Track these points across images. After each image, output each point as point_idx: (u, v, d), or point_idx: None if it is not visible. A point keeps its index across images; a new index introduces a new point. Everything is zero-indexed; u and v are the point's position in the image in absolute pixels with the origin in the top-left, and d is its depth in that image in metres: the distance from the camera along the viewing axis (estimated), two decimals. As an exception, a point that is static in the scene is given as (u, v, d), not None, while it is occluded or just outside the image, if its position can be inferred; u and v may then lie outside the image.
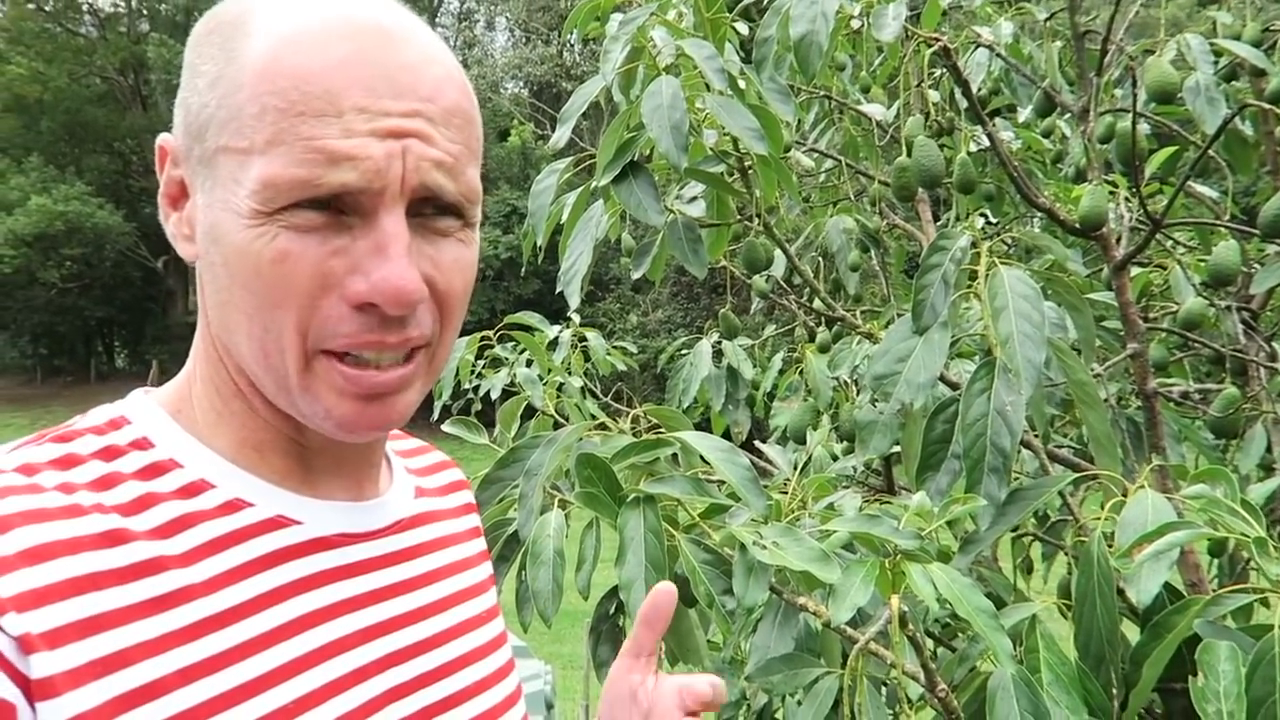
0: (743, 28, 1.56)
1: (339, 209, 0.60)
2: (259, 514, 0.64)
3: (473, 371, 2.43)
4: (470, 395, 2.52)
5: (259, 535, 0.64)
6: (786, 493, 1.23)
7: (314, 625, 0.64)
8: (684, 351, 2.65)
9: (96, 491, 0.60)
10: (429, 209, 0.63)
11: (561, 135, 1.35)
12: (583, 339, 2.66)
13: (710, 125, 1.47)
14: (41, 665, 0.53)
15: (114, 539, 0.58)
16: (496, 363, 2.49)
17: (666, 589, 0.79)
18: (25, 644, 0.53)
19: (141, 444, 0.64)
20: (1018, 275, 1.11)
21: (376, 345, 0.61)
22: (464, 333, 2.20)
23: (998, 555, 2.39)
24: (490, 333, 2.39)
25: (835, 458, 2.03)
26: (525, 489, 1.06)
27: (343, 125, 0.59)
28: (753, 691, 1.57)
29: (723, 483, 1.08)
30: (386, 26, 0.62)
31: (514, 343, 2.34)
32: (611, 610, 1.21)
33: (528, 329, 2.26)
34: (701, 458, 1.02)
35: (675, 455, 1.12)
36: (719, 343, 2.61)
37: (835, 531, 0.99)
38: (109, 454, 0.63)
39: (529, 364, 2.35)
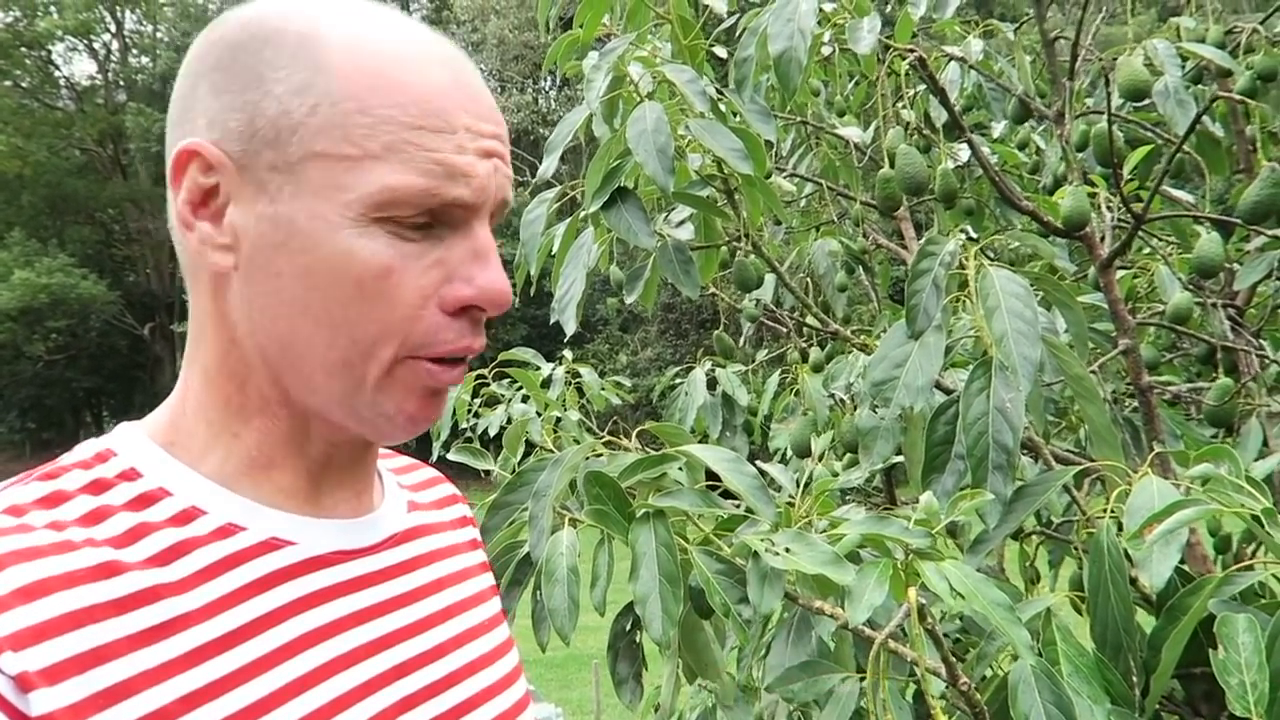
0: (721, 52, 1.59)
1: (433, 222, 0.63)
2: (252, 537, 0.64)
3: (469, 410, 2.43)
4: (469, 434, 2.52)
5: (254, 558, 0.64)
6: (793, 505, 1.23)
7: (317, 643, 0.64)
8: (678, 382, 2.66)
9: (86, 526, 0.60)
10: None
11: (549, 165, 1.37)
12: (576, 375, 2.66)
13: (694, 149, 1.49)
14: (41, 702, 0.52)
15: (108, 571, 0.58)
16: (493, 401, 2.49)
17: None
18: (23, 682, 0.52)
19: (129, 475, 0.64)
20: (1008, 275, 1.13)
21: (468, 350, 0.65)
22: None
23: (1004, 566, 2.39)
24: (486, 371, 2.40)
25: (836, 475, 2.02)
26: (535, 510, 1.06)
27: (456, 142, 0.62)
28: (768, 716, 1.56)
29: (732, 495, 1.08)
30: (461, 54, 0.67)
31: (509, 379, 2.35)
32: (628, 626, 1.21)
33: (523, 365, 2.27)
34: (708, 470, 1.03)
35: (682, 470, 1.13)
36: (712, 371, 2.62)
37: (845, 535, 0.99)
38: (97, 487, 0.62)
39: (525, 399, 2.35)
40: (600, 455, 1.15)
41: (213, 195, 0.64)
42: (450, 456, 1.42)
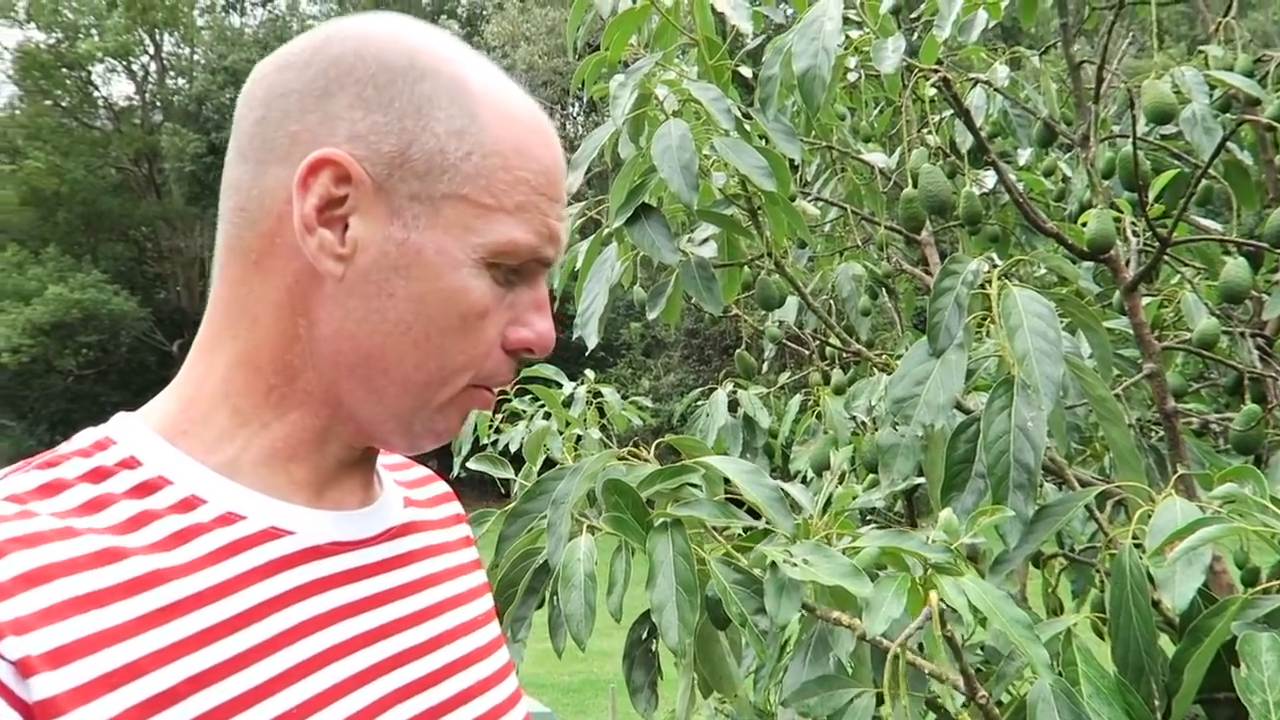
0: (746, 71, 1.61)
1: (517, 272, 0.71)
2: (252, 526, 0.66)
3: (491, 426, 2.44)
4: (490, 450, 2.53)
5: (255, 546, 0.65)
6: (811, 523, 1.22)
7: (314, 631, 0.65)
8: (699, 403, 2.66)
9: (87, 515, 0.61)
10: None
11: (575, 180, 1.39)
12: (598, 394, 2.67)
13: (718, 168, 1.50)
14: (42, 686, 0.53)
15: (111, 556, 0.59)
16: (514, 417, 2.50)
17: None
18: (24, 667, 0.53)
19: (129, 463, 0.65)
20: (1031, 295, 1.13)
21: (507, 381, 0.74)
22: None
23: (1027, 596, 2.36)
24: (508, 388, 2.41)
25: (856, 496, 2.02)
26: (553, 518, 1.07)
27: (556, 212, 0.71)
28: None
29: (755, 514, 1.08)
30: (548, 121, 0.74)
31: (530, 395, 2.36)
32: (644, 635, 1.21)
33: (545, 382, 2.28)
34: (726, 481, 1.03)
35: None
36: (734, 393, 2.62)
37: (864, 548, 0.99)
38: (97, 475, 0.64)
39: (547, 416, 2.36)
40: (619, 465, 1.15)
41: (337, 205, 0.66)
42: (471, 465, 1.43)
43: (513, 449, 2.39)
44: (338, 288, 0.67)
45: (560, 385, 2.38)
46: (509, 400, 2.44)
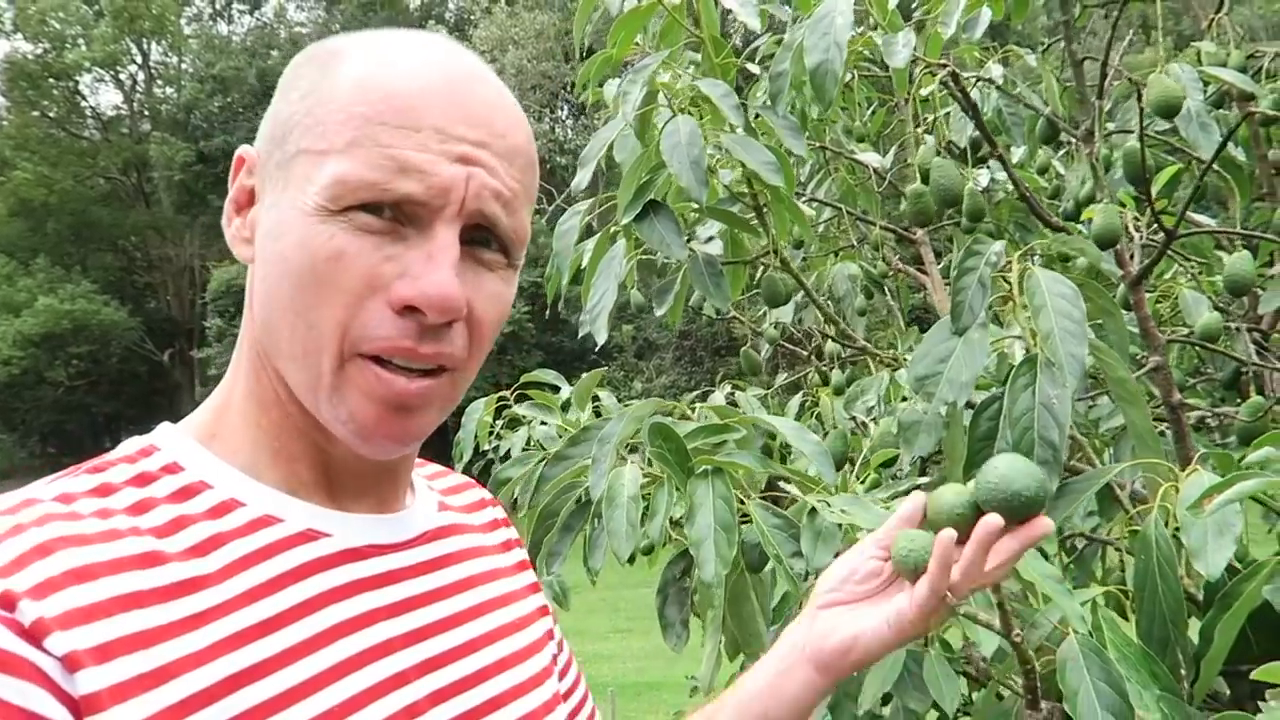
0: (753, 69, 1.62)
1: (398, 219, 0.63)
2: (289, 528, 0.66)
3: (491, 433, 2.44)
4: (491, 456, 2.53)
5: (290, 549, 0.65)
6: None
7: (351, 632, 0.65)
8: (696, 405, 2.66)
9: (133, 516, 0.62)
10: (480, 240, 0.66)
11: (583, 177, 1.39)
12: (595, 398, 2.67)
13: (724, 166, 1.51)
14: (87, 681, 0.54)
15: (152, 560, 0.60)
16: (514, 424, 2.50)
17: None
18: (71, 662, 0.54)
19: (172, 468, 0.66)
20: (1054, 276, 1.14)
21: (409, 353, 0.64)
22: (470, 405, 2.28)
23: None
24: (508, 393, 2.41)
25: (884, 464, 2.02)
26: (598, 453, 1.09)
27: (418, 141, 0.63)
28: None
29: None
30: (469, 65, 0.68)
31: (531, 400, 2.36)
32: (679, 574, 1.24)
33: (544, 387, 2.28)
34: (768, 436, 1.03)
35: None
36: (732, 394, 2.62)
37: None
38: (141, 480, 0.65)
39: (544, 423, 2.36)
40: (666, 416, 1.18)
41: (250, 195, 0.69)
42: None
43: (514, 454, 2.38)
44: (254, 271, 0.68)
45: (558, 389, 2.38)
46: (508, 406, 2.43)
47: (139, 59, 29.34)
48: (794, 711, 0.81)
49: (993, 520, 0.73)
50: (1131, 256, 1.61)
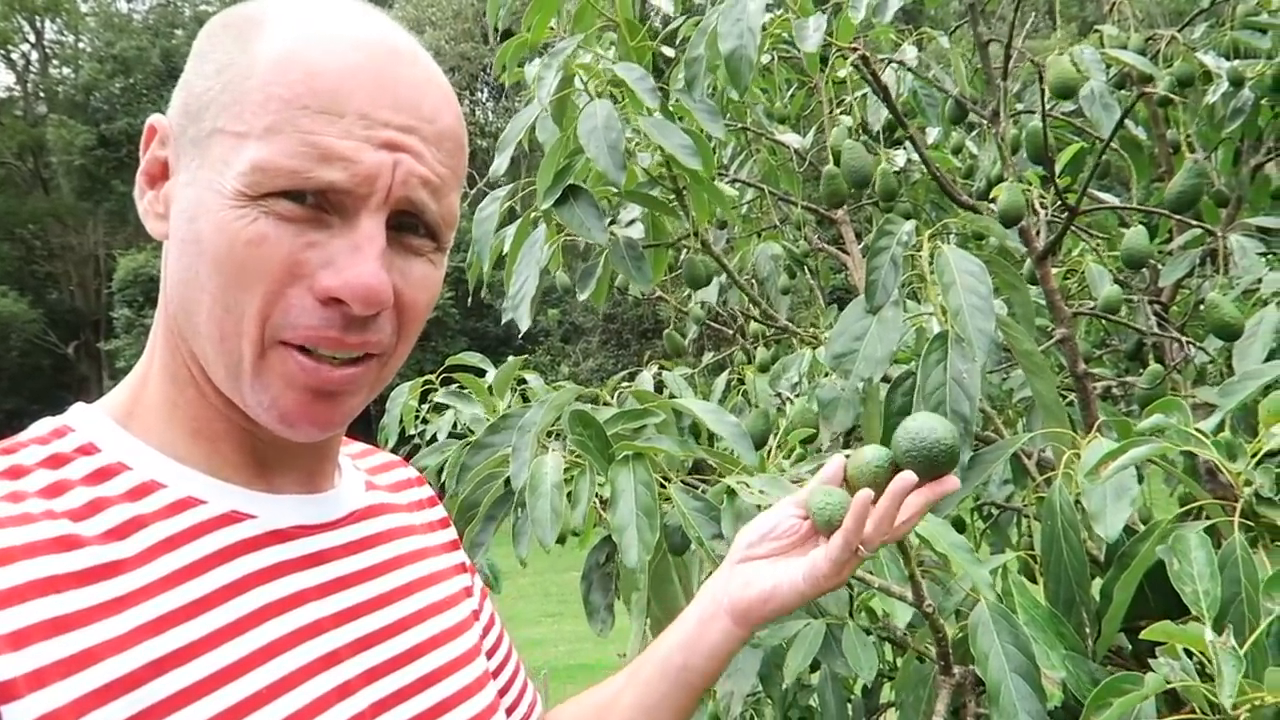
0: (668, 51, 1.62)
1: (321, 206, 0.62)
2: (211, 510, 0.65)
3: (417, 417, 2.41)
4: (416, 441, 2.50)
5: (213, 531, 0.64)
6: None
7: (280, 613, 0.65)
8: (624, 385, 2.67)
9: (46, 499, 0.60)
10: (407, 226, 0.65)
11: (501, 163, 1.38)
12: (522, 381, 2.66)
13: (643, 149, 1.51)
14: (2, 669, 0.52)
15: (67, 544, 0.58)
16: (440, 408, 2.47)
17: None
18: None
19: (87, 449, 0.64)
20: (962, 254, 1.18)
21: (334, 343, 0.63)
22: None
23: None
24: (433, 376, 2.38)
25: (783, 470, 2.06)
26: (518, 443, 1.09)
27: (342, 127, 0.60)
28: (724, 707, 1.59)
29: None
30: (395, 45, 0.65)
31: (458, 385, 2.34)
32: (603, 559, 1.25)
33: (470, 369, 2.26)
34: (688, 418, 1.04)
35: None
36: (659, 374, 2.64)
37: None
38: (55, 461, 0.63)
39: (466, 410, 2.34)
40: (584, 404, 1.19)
41: (164, 168, 0.67)
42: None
43: (440, 438, 2.36)
44: (169, 249, 0.66)
45: (484, 373, 2.36)
46: (434, 390, 2.41)
47: (32, 38, 27.97)
48: (712, 661, 0.83)
49: (908, 475, 0.77)
50: (1038, 233, 1.67)
